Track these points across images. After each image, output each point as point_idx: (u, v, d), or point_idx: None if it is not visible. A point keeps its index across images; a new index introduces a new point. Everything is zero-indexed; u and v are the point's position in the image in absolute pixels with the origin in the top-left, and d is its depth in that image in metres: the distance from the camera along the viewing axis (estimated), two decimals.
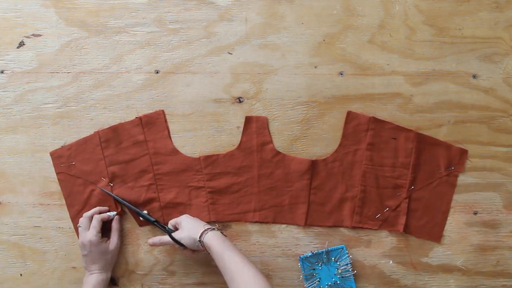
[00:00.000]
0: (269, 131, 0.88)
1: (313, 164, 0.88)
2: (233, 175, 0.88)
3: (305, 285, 0.87)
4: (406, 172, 0.87)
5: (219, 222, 0.89)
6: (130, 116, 0.89)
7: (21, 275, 0.90)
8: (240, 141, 0.88)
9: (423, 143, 0.87)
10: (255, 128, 0.88)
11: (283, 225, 0.89)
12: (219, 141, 0.89)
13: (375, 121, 0.87)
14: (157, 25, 0.89)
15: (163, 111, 0.89)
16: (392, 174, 0.87)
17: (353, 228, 0.88)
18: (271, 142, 0.88)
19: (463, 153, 0.88)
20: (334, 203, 0.88)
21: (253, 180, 0.88)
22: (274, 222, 0.89)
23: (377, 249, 0.88)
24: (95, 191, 0.88)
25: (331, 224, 0.88)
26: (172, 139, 0.89)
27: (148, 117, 0.89)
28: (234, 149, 0.88)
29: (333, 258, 0.87)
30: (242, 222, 0.89)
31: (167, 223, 0.88)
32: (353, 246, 0.88)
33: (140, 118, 0.88)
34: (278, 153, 0.88)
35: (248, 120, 0.88)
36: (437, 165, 0.87)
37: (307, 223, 0.88)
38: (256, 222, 0.89)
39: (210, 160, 0.88)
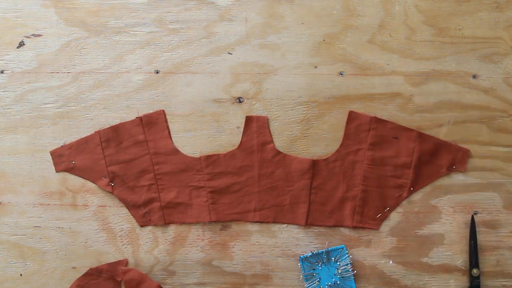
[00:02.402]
0: (269, 131, 0.88)
1: (314, 164, 0.88)
2: (234, 175, 0.88)
3: (305, 285, 0.87)
4: (408, 171, 0.87)
5: (220, 222, 0.89)
6: (130, 116, 0.89)
7: (21, 275, 0.90)
8: (241, 141, 0.88)
9: (425, 143, 0.87)
10: (256, 128, 0.88)
11: (283, 225, 0.89)
12: (219, 141, 0.89)
13: (377, 121, 0.87)
14: (157, 25, 0.89)
15: (163, 111, 0.89)
16: (394, 174, 0.87)
17: (354, 228, 0.88)
18: (271, 141, 0.88)
19: (465, 152, 0.88)
20: (335, 202, 0.88)
21: (253, 180, 0.88)
22: (275, 221, 0.89)
23: (377, 249, 0.88)
24: None
25: (332, 224, 0.88)
26: (172, 139, 0.89)
27: (148, 117, 0.89)
28: (235, 149, 0.88)
29: (333, 258, 0.87)
30: (242, 222, 0.89)
31: (168, 223, 0.88)
32: (353, 246, 0.88)
33: (140, 118, 0.88)
34: (279, 152, 0.88)
35: (249, 120, 0.88)
36: (439, 164, 0.87)
37: (308, 223, 0.88)
38: (256, 222, 0.89)
39: (210, 160, 0.88)
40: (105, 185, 0.88)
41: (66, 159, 0.89)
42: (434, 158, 0.87)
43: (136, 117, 0.89)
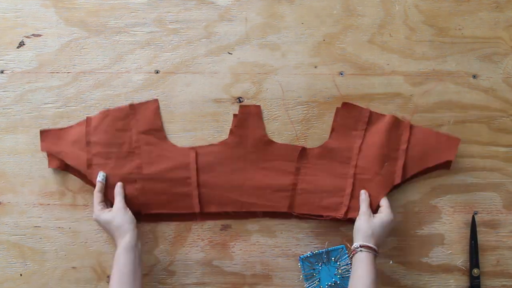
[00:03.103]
0: (262, 119, 0.88)
1: (303, 152, 0.87)
2: (223, 166, 0.87)
3: (305, 285, 0.87)
4: (399, 161, 0.86)
5: (220, 222, 0.89)
6: None
7: (21, 275, 0.90)
8: (231, 131, 0.88)
9: (416, 133, 0.86)
10: (248, 117, 0.88)
11: (284, 225, 0.89)
12: (219, 141, 0.89)
13: (369, 113, 0.87)
14: (157, 25, 0.89)
15: (157, 100, 0.88)
16: (384, 166, 0.87)
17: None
18: (263, 129, 0.88)
19: (455, 141, 0.86)
20: (324, 193, 0.87)
21: (243, 169, 0.88)
22: (261, 210, 0.88)
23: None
24: None
25: (321, 214, 0.87)
26: (172, 139, 0.89)
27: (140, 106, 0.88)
28: (225, 139, 0.88)
29: (333, 258, 0.87)
30: (242, 222, 0.89)
31: (152, 214, 0.88)
32: None
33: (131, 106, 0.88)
34: (270, 141, 0.87)
35: (242, 110, 0.88)
36: (429, 154, 0.86)
37: (295, 212, 0.87)
38: (243, 212, 0.88)
39: (200, 151, 0.87)
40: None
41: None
42: (424, 147, 0.86)
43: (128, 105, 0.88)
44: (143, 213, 0.87)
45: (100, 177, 0.85)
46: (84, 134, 0.87)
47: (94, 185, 0.85)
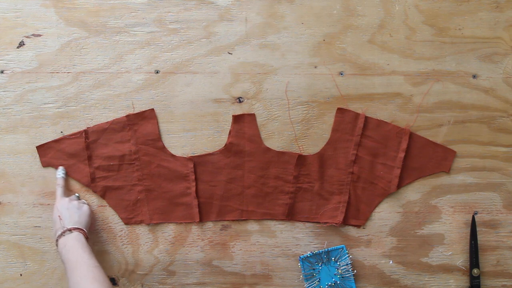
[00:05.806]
0: (257, 127, 0.88)
1: (300, 159, 0.87)
2: (221, 175, 0.88)
3: (305, 285, 0.87)
4: (395, 170, 0.86)
5: (219, 222, 0.89)
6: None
7: (21, 275, 0.90)
8: (228, 140, 0.88)
9: (413, 142, 0.87)
10: (244, 126, 0.88)
11: (283, 225, 0.89)
12: (219, 141, 0.89)
13: (367, 119, 0.87)
14: (157, 25, 0.89)
15: (153, 109, 0.89)
16: (380, 174, 0.87)
17: (354, 227, 0.88)
18: (259, 137, 0.88)
19: (451, 154, 0.87)
20: (320, 200, 0.87)
21: (241, 178, 0.88)
22: (261, 218, 0.88)
23: (377, 249, 0.88)
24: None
25: (317, 220, 0.87)
26: (172, 139, 0.89)
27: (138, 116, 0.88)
28: (222, 148, 0.88)
29: (333, 258, 0.87)
30: (242, 222, 0.89)
31: (155, 222, 0.88)
32: (353, 246, 0.88)
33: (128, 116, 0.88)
34: (268, 149, 0.88)
35: (236, 119, 0.88)
36: (426, 164, 0.87)
37: (290, 218, 0.88)
38: (244, 220, 0.89)
39: (198, 160, 0.88)
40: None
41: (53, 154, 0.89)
42: (420, 157, 0.87)
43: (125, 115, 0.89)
44: (146, 223, 0.89)
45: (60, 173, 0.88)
46: (84, 148, 0.88)
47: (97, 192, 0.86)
